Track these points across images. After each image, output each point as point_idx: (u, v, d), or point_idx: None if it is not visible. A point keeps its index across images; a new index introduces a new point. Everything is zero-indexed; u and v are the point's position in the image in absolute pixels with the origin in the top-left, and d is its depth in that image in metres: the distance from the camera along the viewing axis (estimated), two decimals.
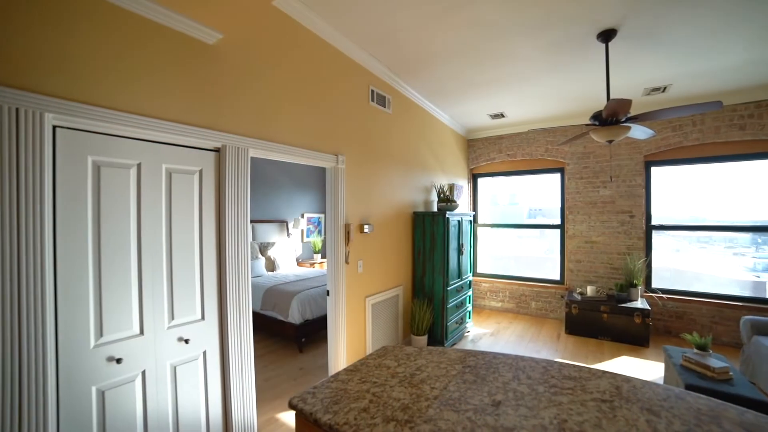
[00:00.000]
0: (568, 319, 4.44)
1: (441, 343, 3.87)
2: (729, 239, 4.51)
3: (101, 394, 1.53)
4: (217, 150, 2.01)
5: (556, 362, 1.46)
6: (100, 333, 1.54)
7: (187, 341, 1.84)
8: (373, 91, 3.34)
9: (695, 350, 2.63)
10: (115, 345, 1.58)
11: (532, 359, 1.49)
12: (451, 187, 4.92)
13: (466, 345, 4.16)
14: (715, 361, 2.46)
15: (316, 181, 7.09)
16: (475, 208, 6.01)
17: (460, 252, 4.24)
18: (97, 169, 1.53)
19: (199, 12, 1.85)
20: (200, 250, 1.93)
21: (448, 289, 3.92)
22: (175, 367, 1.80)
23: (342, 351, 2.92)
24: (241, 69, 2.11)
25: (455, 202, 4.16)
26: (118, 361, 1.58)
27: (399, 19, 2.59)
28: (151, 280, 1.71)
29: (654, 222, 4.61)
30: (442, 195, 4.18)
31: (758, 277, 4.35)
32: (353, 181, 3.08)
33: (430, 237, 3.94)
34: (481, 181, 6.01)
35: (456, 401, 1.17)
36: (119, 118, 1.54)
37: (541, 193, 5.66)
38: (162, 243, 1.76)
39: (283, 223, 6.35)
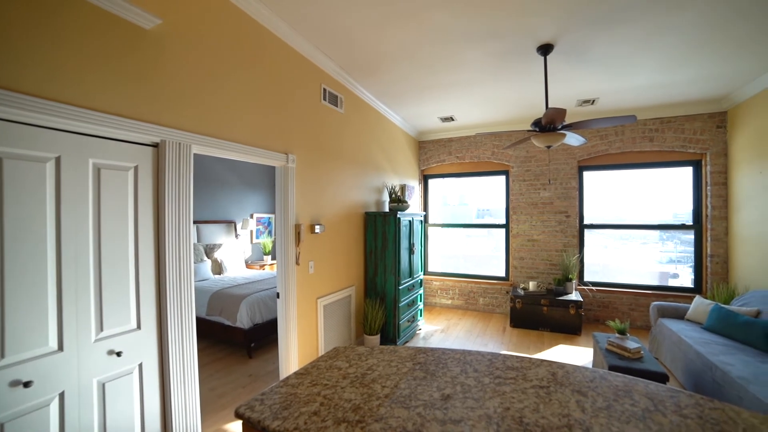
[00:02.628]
0: (512, 313, 4.74)
1: (393, 341, 3.92)
2: (643, 236, 5.12)
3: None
4: (155, 145, 1.85)
5: (500, 354, 1.55)
6: (0, 354, 1.31)
7: (119, 354, 1.67)
8: (325, 89, 3.29)
9: (617, 335, 2.95)
10: (22, 366, 1.36)
11: (479, 353, 1.57)
12: (403, 188, 5.01)
13: (418, 342, 4.27)
14: (631, 343, 2.79)
15: (266, 181, 6.83)
16: (425, 208, 6.17)
17: (411, 251, 4.34)
18: None
19: None
20: (136, 253, 1.77)
21: (400, 288, 3.99)
22: (103, 384, 1.62)
23: (293, 354, 2.84)
24: (184, 60, 1.96)
25: (406, 202, 4.25)
26: (26, 384, 1.35)
27: (353, 19, 2.59)
28: (74, 289, 1.52)
29: (586, 221, 5.08)
30: (393, 195, 4.24)
31: (675, 270, 5.00)
32: (304, 180, 3.02)
33: (382, 237, 3.98)
34: (431, 182, 6.19)
35: (406, 398, 1.20)
36: (29, 104, 1.34)
37: (488, 195, 5.97)
38: (89, 246, 1.58)
39: (231, 224, 6.03)
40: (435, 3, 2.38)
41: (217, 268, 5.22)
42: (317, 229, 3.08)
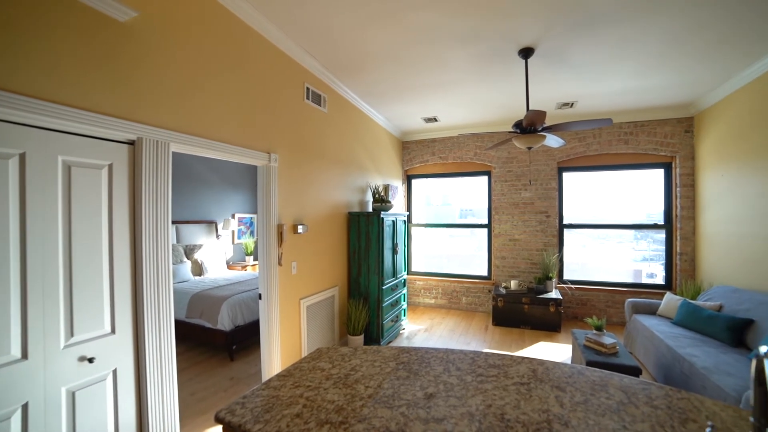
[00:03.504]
0: (494, 312, 4.82)
1: (377, 341, 3.92)
2: (619, 235, 5.31)
3: None
4: (131, 143, 1.79)
5: (482, 353, 1.57)
6: None
7: (91, 360, 1.60)
8: (308, 88, 3.26)
9: (594, 331, 3.04)
10: None
11: (461, 351, 1.59)
12: (386, 188, 5.02)
13: (402, 342, 4.28)
14: (608, 339, 2.88)
15: (248, 180, 6.71)
16: (409, 208, 6.20)
17: (394, 251, 4.35)
18: None
19: None
20: (110, 255, 1.70)
21: (384, 288, 3.99)
22: (73, 393, 1.55)
23: (276, 356, 2.80)
24: (162, 55, 1.90)
25: (390, 202, 4.26)
26: None
27: (337, 18, 2.57)
28: (41, 293, 1.45)
29: (565, 221, 5.22)
30: (377, 195, 4.24)
31: (648, 267, 5.19)
32: (287, 180, 2.98)
33: (365, 237, 3.98)
34: (415, 182, 6.22)
35: (390, 398, 1.20)
36: None
37: (471, 195, 6.05)
38: (58, 247, 1.50)
39: (212, 224, 5.90)
40: (419, 4, 2.39)
41: (198, 269, 5.09)
42: (300, 229, 3.04)
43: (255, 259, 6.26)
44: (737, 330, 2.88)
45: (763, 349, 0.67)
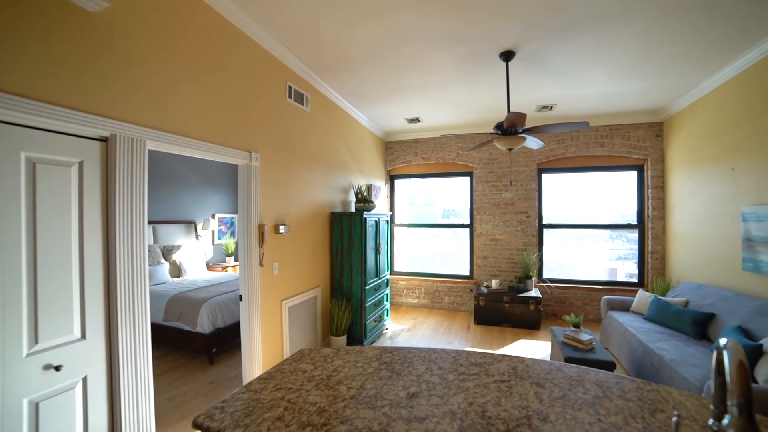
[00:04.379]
0: (476, 311, 4.89)
1: (360, 342, 3.92)
2: (595, 235, 5.49)
3: None
4: (104, 139, 1.72)
5: (464, 351, 1.59)
6: None
7: (58, 368, 1.52)
8: (290, 87, 3.22)
9: (572, 328, 3.13)
10: None
11: (443, 351, 1.60)
12: (369, 188, 5.02)
13: (385, 342, 4.29)
14: (585, 335, 2.98)
15: (229, 179, 6.57)
16: (392, 208, 6.22)
17: (377, 251, 4.35)
18: None
19: None
20: (81, 256, 1.63)
21: (366, 288, 3.99)
22: (36, 404, 1.46)
23: (257, 359, 2.75)
24: (138, 49, 1.84)
25: (373, 202, 4.26)
26: None
27: (320, 17, 2.55)
28: (0, 299, 1.37)
29: (545, 221, 5.36)
30: (359, 195, 4.24)
31: (623, 266, 5.38)
32: (268, 179, 2.93)
33: (348, 237, 3.97)
34: (398, 182, 6.24)
35: (372, 398, 1.20)
36: None
37: (453, 195, 6.12)
38: (20, 249, 1.42)
39: (191, 224, 5.74)
40: (402, 4, 2.40)
41: (176, 270, 4.94)
42: (282, 229, 3.00)
43: (236, 260, 6.13)
44: (701, 324, 3.04)
45: (722, 341, 0.71)
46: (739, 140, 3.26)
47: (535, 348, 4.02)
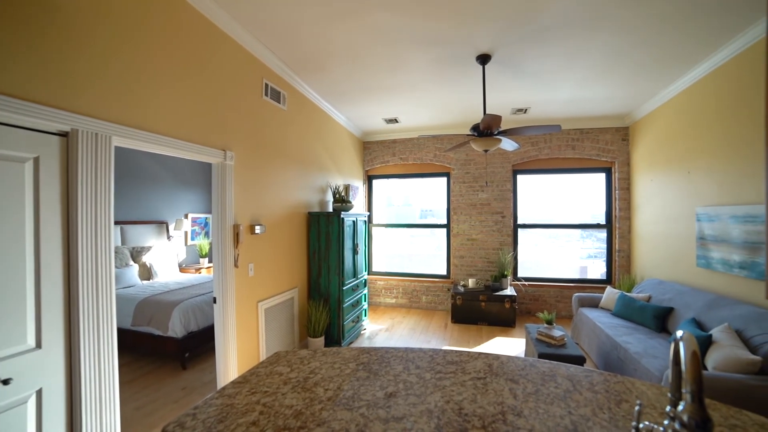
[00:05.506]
0: (453, 310, 4.97)
1: (338, 342, 3.89)
2: (567, 234, 5.70)
3: None
4: (64, 134, 1.62)
5: (441, 350, 1.61)
6: None
7: (6, 382, 1.40)
8: (267, 85, 3.16)
9: (545, 325, 3.24)
10: None
11: (421, 350, 1.62)
12: (347, 188, 5.00)
13: (363, 342, 4.29)
14: (557, 332, 3.09)
15: (202, 178, 6.37)
16: (370, 208, 6.22)
17: (355, 252, 4.34)
18: None
19: None
20: (36, 259, 1.52)
21: (344, 288, 3.97)
22: None
23: (232, 362, 2.68)
24: (104, 39, 1.74)
25: (350, 202, 4.24)
26: None
27: (298, 15, 2.51)
28: None
29: (520, 221, 5.51)
30: (337, 195, 4.21)
31: (593, 264, 5.61)
32: (244, 178, 2.87)
33: (325, 237, 3.93)
34: (376, 182, 6.25)
35: (350, 399, 1.19)
36: None
37: (431, 195, 6.19)
38: None
39: (162, 225, 5.52)
40: (380, 4, 2.40)
41: (146, 273, 4.74)
42: (258, 229, 2.94)
43: (210, 261, 5.95)
44: (661, 317, 3.23)
45: (678, 333, 0.75)
46: (694, 145, 3.48)
47: (510, 345, 4.13)
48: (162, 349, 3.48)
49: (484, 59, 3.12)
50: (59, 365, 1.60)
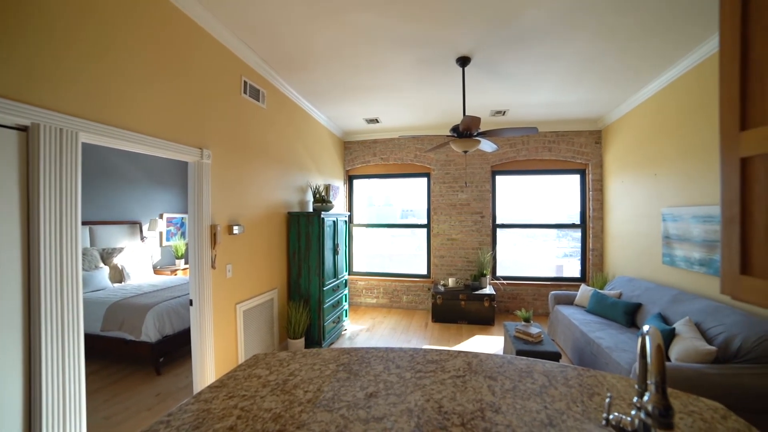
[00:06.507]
0: (434, 309, 5.02)
1: (319, 344, 3.86)
2: (544, 234, 5.87)
3: None
4: (23, 129, 1.52)
5: (421, 349, 1.63)
6: None
7: None
8: (246, 82, 3.09)
9: (523, 322, 3.32)
10: None
11: (401, 349, 1.63)
12: (327, 188, 4.97)
13: (344, 343, 4.27)
14: (534, 329, 3.17)
15: (178, 177, 6.17)
16: (350, 208, 6.20)
17: (335, 252, 4.32)
18: None
19: None
20: None
21: (325, 289, 3.94)
22: None
23: (209, 366, 2.61)
24: (70, 29, 1.66)
25: (331, 202, 4.21)
26: None
27: (278, 12, 2.47)
28: None
29: (498, 221, 5.62)
30: (318, 195, 4.18)
31: (568, 263, 5.79)
32: (221, 177, 2.80)
33: (305, 237, 3.89)
34: (357, 182, 6.23)
35: (330, 401, 1.19)
36: None
37: (412, 196, 6.23)
38: None
39: (135, 225, 5.31)
40: (362, 3, 2.40)
41: (118, 275, 4.55)
42: (236, 230, 2.88)
43: (186, 262, 5.77)
44: (631, 313, 3.38)
45: (645, 328, 0.79)
46: (660, 149, 3.66)
47: (489, 343, 4.21)
48: (134, 355, 3.35)
49: (464, 61, 3.17)
50: (15, 376, 1.50)
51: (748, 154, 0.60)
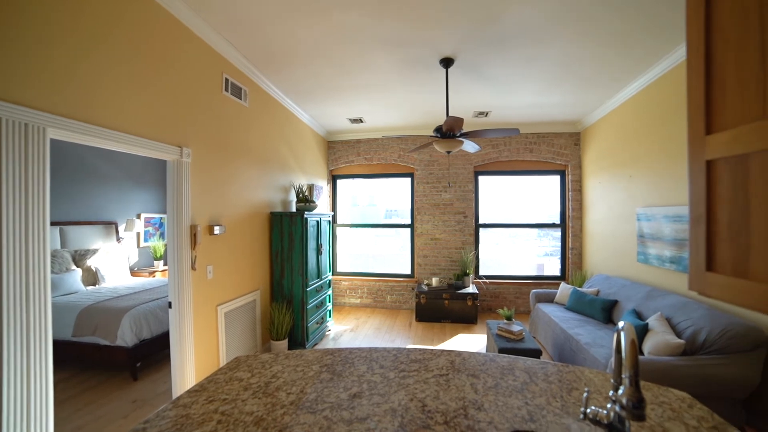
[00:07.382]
0: (417, 308, 5.04)
1: (302, 345, 3.82)
2: (526, 233, 6.00)
3: None
4: None
5: (404, 349, 1.63)
6: None
7: None
8: (227, 80, 3.03)
9: (505, 321, 3.38)
10: None
11: (385, 349, 1.63)
12: (311, 188, 4.93)
13: (328, 343, 4.24)
14: (516, 327, 3.23)
15: (157, 176, 5.98)
16: (334, 208, 6.16)
17: (319, 252, 4.28)
18: None
19: None
20: None
21: (308, 289, 3.90)
22: None
23: (189, 370, 2.54)
24: (39, 17, 1.58)
25: (314, 202, 4.18)
26: None
27: (262, 9, 2.43)
28: None
29: (481, 221, 5.70)
30: (301, 195, 4.14)
31: (549, 262, 5.92)
32: (202, 177, 2.73)
33: (288, 238, 3.85)
34: (340, 182, 6.20)
35: (313, 402, 1.18)
36: None
37: (395, 196, 6.25)
38: None
39: (111, 226, 5.11)
40: (345, 3, 2.39)
41: (91, 278, 4.37)
42: (217, 230, 2.82)
43: (165, 264, 5.60)
44: (608, 310, 3.50)
45: (620, 324, 0.82)
46: (634, 151, 3.80)
47: (472, 341, 4.26)
48: (109, 361, 3.22)
49: (447, 63, 3.20)
50: None
51: (713, 156, 0.63)
